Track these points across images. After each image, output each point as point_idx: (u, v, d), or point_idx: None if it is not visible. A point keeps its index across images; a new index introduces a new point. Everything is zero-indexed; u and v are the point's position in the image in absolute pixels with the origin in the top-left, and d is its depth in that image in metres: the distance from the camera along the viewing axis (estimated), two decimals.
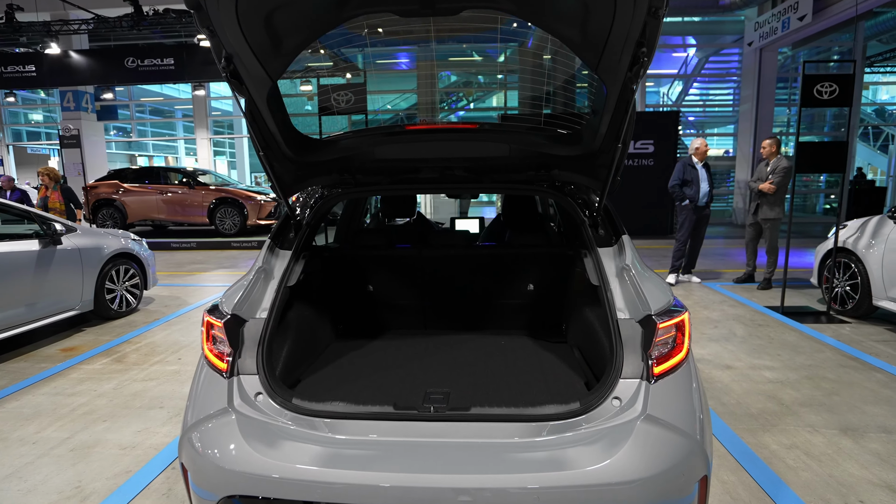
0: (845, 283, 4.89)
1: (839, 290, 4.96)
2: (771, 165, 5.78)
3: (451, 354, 2.50)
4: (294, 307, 2.40)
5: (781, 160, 5.75)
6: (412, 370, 2.27)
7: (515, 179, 2.41)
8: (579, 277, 2.60)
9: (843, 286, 4.91)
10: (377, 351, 2.58)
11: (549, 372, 2.22)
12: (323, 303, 2.73)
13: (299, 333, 2.35)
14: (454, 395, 1.91)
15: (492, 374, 2.19)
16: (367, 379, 2.16)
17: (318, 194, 2.48)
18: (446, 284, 2.88)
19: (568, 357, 2.42)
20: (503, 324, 2.97)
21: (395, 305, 2.98)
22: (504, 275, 2.85)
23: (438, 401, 1.81)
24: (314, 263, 2.64)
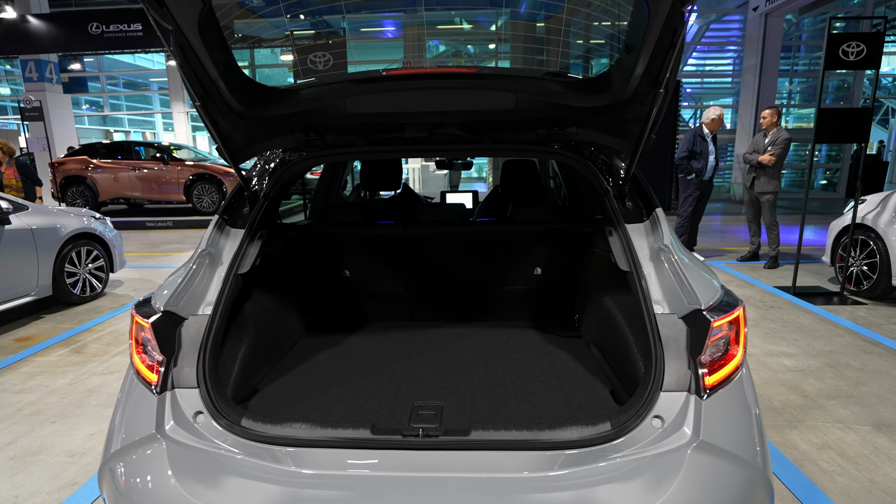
0: (862, 261, 4.62)
1: (855, 270, 4.68)
2: (770, 137, 5.48)
3: (443, 354, 2.16)
4: (252, 298, 2.03)
5: (781, 131, 5.46)
6: (396, 375, 1.93)
7: (523, 140, 2.03)
8: (599, 260, 2.25)
9: (859, 265, 4.64)
10: (354, 349, 2.23)
11: (566, 377, 1.89)
12: (288, 292, 2.37)
13: (258, 331, 2.00)
14: (449, 410, 1.58)
15: (494, 381, 1.85)
16: (340, 388, 1.82)
17: (279, 159, 2.08)
18: (437, 268, 2.51)
19: (585, 356, 2.08)
20: (505, 314, 2.63)
21: (376, 293, 2.61)
22: (506, 256, 2.48)
23: (429, 419, 1.48)
24: (275, 244, 2.26)
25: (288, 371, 1.97)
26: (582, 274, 2.46)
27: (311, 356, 2.13)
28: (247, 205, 1.95)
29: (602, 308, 2.15)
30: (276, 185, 2.00)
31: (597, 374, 1.90)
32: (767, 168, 5.45)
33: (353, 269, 2.51)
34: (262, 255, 1.97)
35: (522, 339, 2.32)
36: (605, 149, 2.05)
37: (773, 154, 5.38)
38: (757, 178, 5.57)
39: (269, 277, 2.22)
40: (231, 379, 1.76)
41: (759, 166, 5.51)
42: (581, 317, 2.45)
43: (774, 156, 5.38)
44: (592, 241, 2.32)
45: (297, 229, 2.45)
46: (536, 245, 2.47)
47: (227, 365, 1.81)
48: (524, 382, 1.84)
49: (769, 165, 5.42)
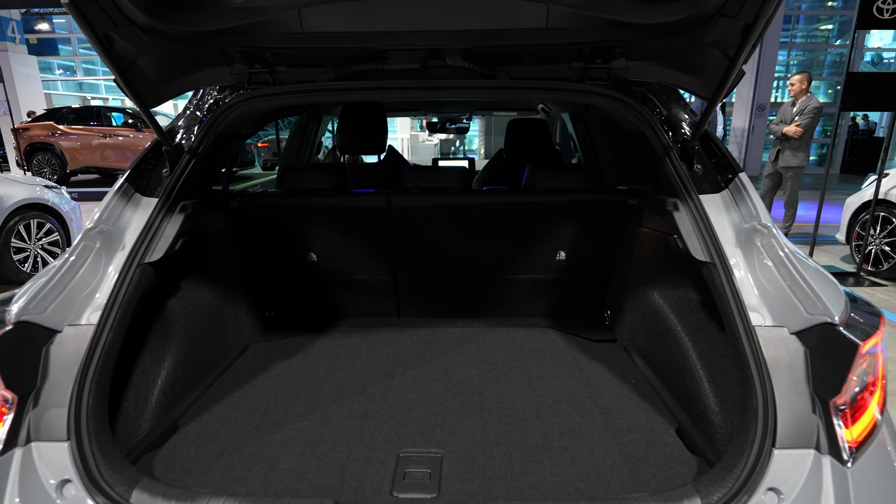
0: (883, 240, 4.31)
1: (874, 249, 4.37)
2: (799, 105, 5.06)
3: (440, 367, 1.76)
4: (179, 295, 1.63)
5: (812, 99, 5.03)
6: (375, 402, 1.53)
7: (553, 75, 1.57)
8: (647, 243, 1.84)
9: (879, 244, 4.33)
10: (321, 360, 1.82)
11: (610, 405, 1.51)
12: (234, 282, 1.95)
13: (187, 340, 1.61)
14: (451, 467, 1.21)
15: (513, 413, 1.47)
16: (295, 424, 1.41)
17: (213, 101, 1.65)
18: (430, 250, 2.09)
19: (627, 371, 1.71)
20: (517, 310, 2.22)
21: (351, 283, 2.18)
22: (520, 236, 2.06)
23: (421, 483, 1.13)
24: (211, 219, 1.83)
25: (227, 395, 1.57)
26: (621, 260, 2.04)
27: (261, 370, 1.74)
28: (166, 165, 1.53)
29: (650, 308, 1.76)
30: (207, 137, 1.57)
31: (650, 401, 1.53)
32: (793, 140, 5.03)
33: (321, 252, 2.09)
34: (188, 235, 1.55)
35: (542, 345, 1.93)
36: (663, 92, 1.64)
37: (801, 125, 4.97)
38: (782, 150, 5.15)
39: (205, 264, 1.81)
40: (141, 415, 1.38)
41: (784, 138, 5.09)
42: (616, 315, 2.05)
43: (802, 127, 4.96)
44: (639, 218, 1.90)
45: (245, 199, 2.00)
46: (561, 221, 2.02)
47: (136, 394, 1.42)
48: (554, 415, 1.46)
49: (795, 137, 5.02)
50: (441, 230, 2.04)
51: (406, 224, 2.02)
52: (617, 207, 1.97)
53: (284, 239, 2.07)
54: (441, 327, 2.12)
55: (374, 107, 2.76)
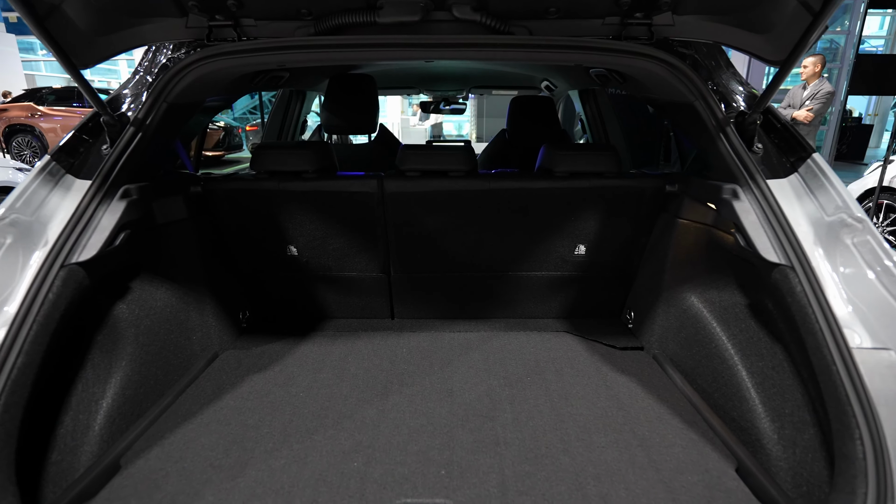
0: (886, 228, 4.18)
1: None
2: (810, 89, 4.84)
3: (443, 382, 1.50)
4: (128, 299, 1.36)
5: (824, 83, 4.81)
6: (365, 431, 1.27)
7: (583, 32, 1.29)
8: (686, 237, 1.59)
9: (883, 232, 4.19)
10: (300, 373, 1.56)
11: (650, 433, 1.27)
12: (199, 282, 1.67)
13: (140, 352, 1.36)
14: None
15: (535, 446, 1.21)
16: (263, 466, 1.15)
17: (165, 61, 1.35)
18: (429, 243, 1.82)
19: (664, 388, 1.47)
20: (526, 310, 1.97)
21: (337, 280, 1.90)
22: (534, 227, 1.79)
23: None
24: (168, 206, 1.55)
25: (185, 421, 1.31)
26: (651, 256, 1.78)
27: (229, 387, 1.47)
28: (106, 140, 1.24)
29: (687, 312, 1.52)
30: (158, 106, 1.28)
31: (697, 429, 1.28)
32: (802, 125, 4.79)
33: (302, 245, 1.80)
34: (133, 226, 1.27)
35: (559, 353, 1.68)
36: (711, 58, 1.36)
37: (812, 109, 4.73)
38: None
39: (162, 260, 1.53)
40: (80, 446, 1.14)
41: (793, 123, 4.91)
42: (641, 318, 1.80)
43: (813, 112, 4.72)
44: (677, 207, 1.64)
45: (210, 183, 1.71)
46: (582, 210, 1.75)
47: (75, 421, 1.17)
48: (585, 449, 1.20)
49: (805, 123, 4.77)
50: (442, 220, 1.75)
51: (401, 212, 1.73)
52: (650, 195, 1.69)
53: (258, 230, 1.77)
54: (441, 332, 1.84)
55: (363, 81, 2.47)
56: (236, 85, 1.77)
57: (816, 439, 1.11)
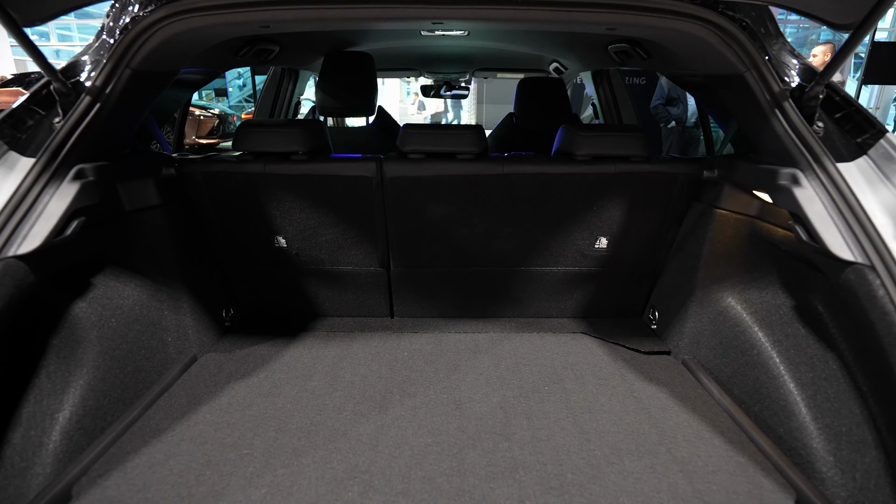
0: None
1: None
2: None
3: (449, 393, 1.33)
4: (90, 297, 1.18)
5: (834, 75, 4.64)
6: (361, 456, 1.10)
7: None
8: (724, 230, 1.43)
9: None
10: (288, 382, 1.38)
11: (690, 460, 1.10)
12: (173, 276, 1.49)
13: (104, 357, 1.20)
14: None
15: (558, 475, 1.04)
16: (240, 498, 0.98)
17: (129, 20, 1.16)
18: (433, 234, 1.64)
19: (699, 400, 1.31)
20: (540, 309, 1.80)
21: (331, 276, 1.72)
22: (551, 217, 1.61)
23: None
24: (137, 191, 1.37)
25: (152, 439, 1.13)
26: (681, 251, 1.61)
27: (206, 397, 1.29)
28: (58, 112, 1.06)
29: (723, 314, 1.36)
30: (119, 71, 1.09)
31: (744, 451, 1.12)
32: None
33: (291, 235, 1.62)
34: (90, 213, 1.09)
35: (578, 359, 1.51)
36: (760, 24, 1.18)
37: None
38: None
39: (131, 253, 1.35)
40: (30, 467, 0.98)
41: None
42: (668, 319, 1.63)
43: None
44: (715, 196, 1.47)
45: (186, 165, 1.53)
46: (605, 199, 1.58)
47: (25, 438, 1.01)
48: (618, 476, 1.04)
49: None
50: (448, 208, 1.57)
51: (402, 199, 1.55)
52: (683, 182, 1.52)
53: (242, 219, 1.59)
54: (446, 333, 1.67)
55: (361, 59, 2.29)
56: (218, 55, 1.58)
57: (879, 463, 0.95)
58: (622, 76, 2.70)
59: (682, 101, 5.03)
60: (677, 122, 5.06)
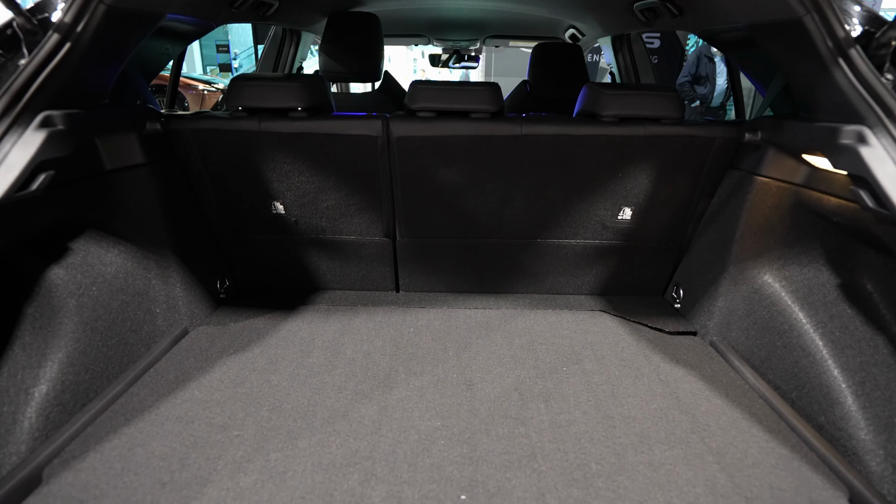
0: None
1: None
2: None
3: (459, 373, 1.22)
4: (67, 262, 1.09)
5: None
6: (362, 440, 1.00)
7: None
8: (763, 197, 1.30)
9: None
10: (282, 359, 1.28)
11: (727, 450, 0.99)
12: (161, 242, 1.38)
13: (84, 329, 1.10)
14: None
15: (581, 465, 0.94)
16: (228, 485, 0.88)
17: None
18: (443, 201, 1.52)
19: (732, 385, 1.20)
20: (555, 285, 1.69)
21: (332, 245, 1.61)
22: (572, 184, 1.48)
23: None
24: (119, 147, 1.25)
25: (134, 419, 1.03)
26: (714, 222, 1.48)
27: (195, 374, 1.19)
28: (23, 52, 0.94)
29: (759, 293, 1.26)
30: (93, 6, 0.96)
31: (787, 442, 1.01)
32: None
33: (290, 201, 1.50)
34: (61, 167, 0.98)
35: (598, 338, 1.40)
36: None
37: None
38: None
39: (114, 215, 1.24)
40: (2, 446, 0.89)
41: None
42: (694, 297, 1.52)
43: None
44: (756, 161, 1.33)
45: (174, 121, 1.40)
46: (632, 165, 1.44)
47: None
48: (648, 468, 0.93)
49: None
50: (460, 172, 1.44)
51: (410, 162, 1.42)
52: (719, 147, 1.38)
53: (236, 181, 1.47)
54: (455, 308, 1.56)
55: (366, 20, 2.14)
56: (210, 4, 1.44)
57: None
58: (643, 42, 2.55)
59: (710, 80, 4.87)
60: (702, 101, 4.90)
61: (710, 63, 4.84)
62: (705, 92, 4.84)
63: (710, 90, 4.83)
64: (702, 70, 4.83)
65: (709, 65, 4.84)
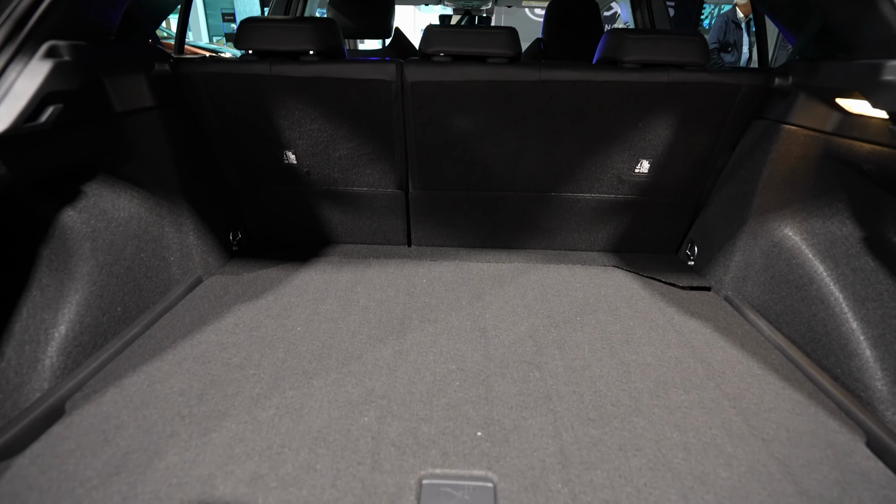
0: None
1: None
2: None
3: (472, 321, 1.22)
4: (81, 205, 1.09)
5: None
6: (378, 380, 1.00)
7: None
8: (790, 147, 1.26)
9: None
10: (297, 306, 1.27)
11: (743, 395, 0.99)
12: (173, 189, 1.36)
13: (100, 272, 1.10)
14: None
15: (598, 407, 0.94)
16: (246, 419, 0.89)
17: None
18: (458, 150, 1.49)
19: (748, 337, 1.19)
20: (568, 241, 1.67)
21: (344, 196, 1.59)
22: (589, 134, 1.44)
23: None
24: (128, 88, 1.23)
25: (152, 358, 1.04)
26: (736, 175, 1.44)
27: (211, 317, 1.20)
28: None
29: (779, 246, 1.23)
30: None
31: (803, 390, 1.01)
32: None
33: (302, 150, 1.48)
34: (69, 101, 0.96)
35: (612, 291, 1.39)
36: None
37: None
38: None
39: (126, 159, 1.23)
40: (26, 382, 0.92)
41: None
42: (709, 253, 1.50)
43: None
44: (784, 109, 1.29)
45: (183, 64, 1.36)
46: (653, 115, 1.40)
47: (19, 353, 0.94)
48: (665, 411, 0.93)
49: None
50: (475, 120, 1.41)
51: (425, 108, 1.39)
52: (745, 94, 1.34)
53: (247, 129, 1.45)
54: (467, 261, 1.55)
55: None
56: None
57: None
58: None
59: (736, 48, 4.76)
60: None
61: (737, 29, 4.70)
62: (733, 60, 4.72)
63: (737, 58, 4.71)
64: (730, 37, 4.70)
65: (736, 31, 4.70)
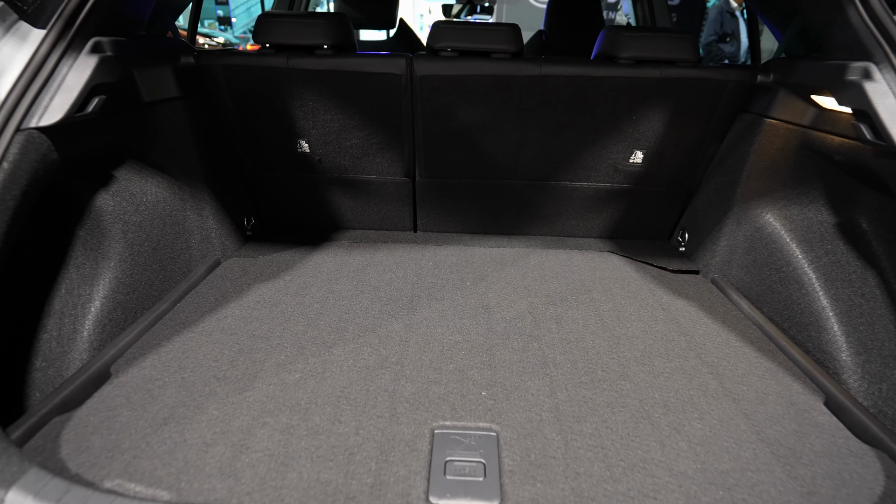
0: None
1: None
2: None
3: (476, 299, 1.32)
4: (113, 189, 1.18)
5: None
6: (391, 349, 1.10)
7: None
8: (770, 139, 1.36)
9: None
10: (312, 285, 1.37)
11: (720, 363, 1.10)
12: (194, 175, 1.45)
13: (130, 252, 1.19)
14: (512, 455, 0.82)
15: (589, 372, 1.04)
16: (275, 381, 0.99)
17: None
18: (462, 141, 1.58)
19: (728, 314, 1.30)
20: (566, 227, 1.77)
21: (354, 184, 1.68)
22: (587, 126, 1.53)
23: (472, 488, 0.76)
24: (156, 79, 1.31)
25: (183, 330, 1.14)
26: (723, 165, 1.53)
27: (233, 295, 1.30)
28: None
29: (760, 231, 1.33)
30: None
31: (773, 358, 1.12)
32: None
33: (315, 139, 1.56)
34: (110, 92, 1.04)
35: (606, 273, 1.49)
36: None
37: None
38: None
39: (151, 147, 1.31)
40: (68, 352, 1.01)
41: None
42: (698, 239, 1.60)
43: None
44: (766, 104, 1.38)
45: (205, 57, 1.44)
46: (647, 108, 1.49)
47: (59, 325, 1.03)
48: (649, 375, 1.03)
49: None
50: (480, 112, 1.50)
51: (433, 101, 1.48)
52: (732, 90, 1.43)
53: (263, 118, 1.53)
54: (471, 246, 1.65)
55: None
56: None
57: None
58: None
59: (735, 37, 4.76)
60: (731, 60, 4.81)
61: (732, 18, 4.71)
62: (733, 50, 4.71)
63: (738, 47, 4.70)
64: (726, 27, 4.71)
65: (731, 20, 4.71)
